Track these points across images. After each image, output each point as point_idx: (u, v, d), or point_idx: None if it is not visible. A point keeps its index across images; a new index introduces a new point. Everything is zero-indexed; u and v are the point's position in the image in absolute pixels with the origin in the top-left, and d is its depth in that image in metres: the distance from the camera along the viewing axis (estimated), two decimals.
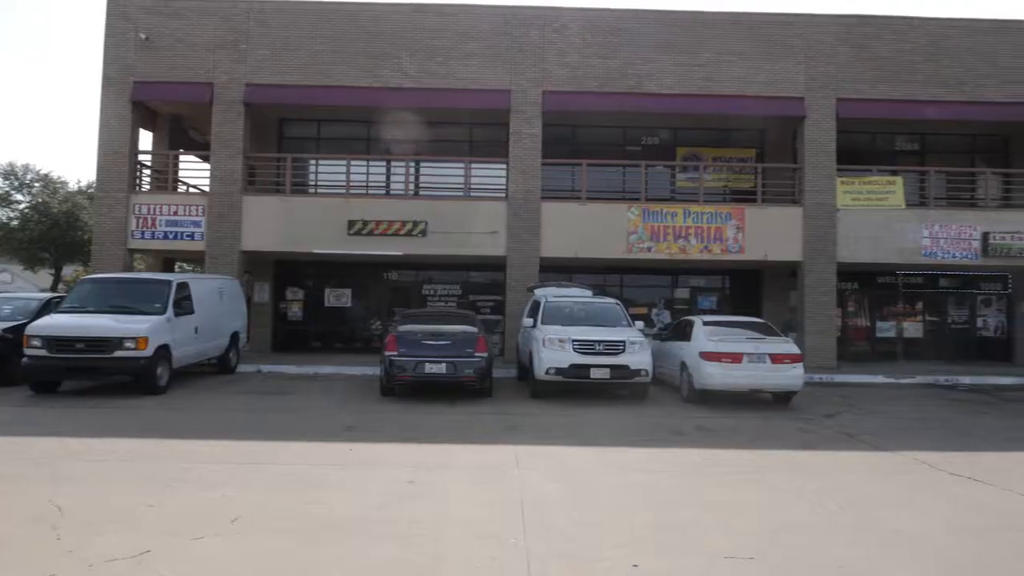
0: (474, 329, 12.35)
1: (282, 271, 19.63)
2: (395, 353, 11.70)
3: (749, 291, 20.07)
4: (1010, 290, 20.32)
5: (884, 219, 17.68)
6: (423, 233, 16.89)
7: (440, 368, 11.61)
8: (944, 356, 19.91)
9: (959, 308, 20.62)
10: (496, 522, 5.45)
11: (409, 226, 16.88)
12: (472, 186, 18.23)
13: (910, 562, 4.78)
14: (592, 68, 17.52)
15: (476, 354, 11.78)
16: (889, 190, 17.98)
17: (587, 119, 18.86)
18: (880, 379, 16.16)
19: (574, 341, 11.80)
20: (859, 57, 17.82)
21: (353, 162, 18.41)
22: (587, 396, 12.56)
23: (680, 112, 17.95)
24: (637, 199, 17.95)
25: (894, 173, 18.55)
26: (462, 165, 18.18)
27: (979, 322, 20.58)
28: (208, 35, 17.27)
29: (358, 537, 5.10)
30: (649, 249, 17.30)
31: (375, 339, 18.70)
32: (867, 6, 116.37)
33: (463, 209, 17.36)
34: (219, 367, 14.90)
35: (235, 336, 15.31)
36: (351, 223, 16.88)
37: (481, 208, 17.45)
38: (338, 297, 19.85)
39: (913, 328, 20.54)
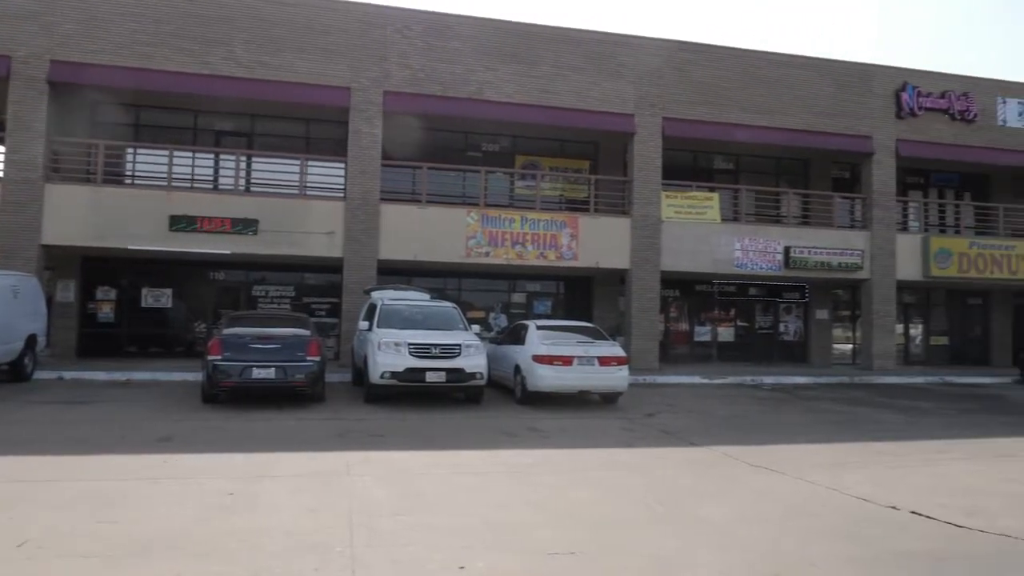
0: (307, 332, 11.91)
1: (91, 268, 17.92)
2: (219, 357, 11.02)
3: (582, 296, 20.91)
4: (807, 299, 22.62)
5: (702, 232, 19.09)
6: (254, 231, 16.10)
7: (269, 373, 11.08)
8: (752, 358, 21.81)
9: (765, 315, 22.68)
10: (322, 531, 5.26)
11: (239, 224, 16.03)
12: (308, 184, 17.64)
13: (716, 549, 5.15)
14: (435, 72, 17.54)
15: (308, 358, 11.36)
16: (707, 205, 19.46)
17: (429, 122, 18.82)
18: (697, 380, 17.40)
19: (410, 344, 11.71)
20: (682, 80, 19.15)
21: (177, 153, 17.20)
22: (423, 400, 12.52)
23: (519, 121, 18.41)
24: (477, 204, 18.18)
25: (712, 190, 20.10)
26: (298, 162, 17.53)
27: (781, 327, 22.74)
28: (5, 2, 15.48)
29: (170, 556, 4.73)
30: (487, 254, 17.56)
31: (199, 343, 17.54)
32: (704, 32, 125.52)
33: (298, 208, 16.75)
34: (11, 374, 13.31)
35: (32, 339, 13.74)
36: (174, 218, 15.77)
37: (317, 208, 16.91)
38: (157, 298, 18.43)
39: (726, 332, 22.32)
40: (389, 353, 11.67)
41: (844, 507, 6.34)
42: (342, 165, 17.39)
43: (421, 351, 11.75)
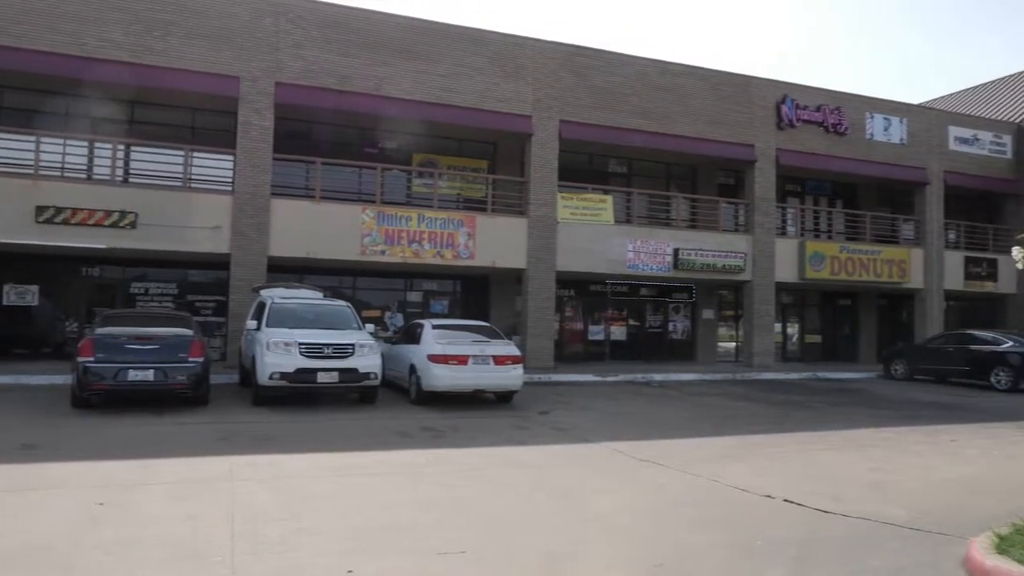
0: (189, 332, 11.35)
1: None
2: (91, 359, 10.33)
3: (479, 296, 20.95)
4: (695, 299, 23.57)
5: (597, 233, 19.53)
6: (132, 225, 15.18)
7: (147, 375, 10.48)
8: (643, 356, 22.50)
9: (655, 314, 23.45)
10: (201, 540, 5.02)
11: (115, 216, 15.06)
12: (193, 177, 16.82)
13: (604, 541, 5.27)
14: (330, 65, 17.11)
15: (190, 359, 10.83)
16: (601, 207, 19.93)
17: (324, 116, 18.35)
18: (590, 378, 17.79)
19: (301, 344, 11.37)
20: (579, 84, 19.53)
21: (45, 139, 15.95)
22: (315, 401, 12.21)
23: (418, 118, 18.21)
24: (373, 202, 17.88)
25: (606, 192, 20.60)
26: (182, 153, 16.69)
27: (670, 326, 23.58)
28: None
29: (31, 572, 4.38)
30: (383, 252, 17.30)
31: (71, 344, 16.36)
32: (607, 37, 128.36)
33: (182, 201, 15.93)
34: None
35: None
36: (41, 209, 14.64)
37: (203, 201, 16.15)
38: (21, 294, 17.05)
39: (619, 331, 22.93)
40: (278, 353, 11.29)
41: (724, 497, 6.64)
42: (231, 157, 16.68)
43: (312, 351, 11.44)
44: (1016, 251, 5.82)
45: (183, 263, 17.76)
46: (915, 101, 29.60)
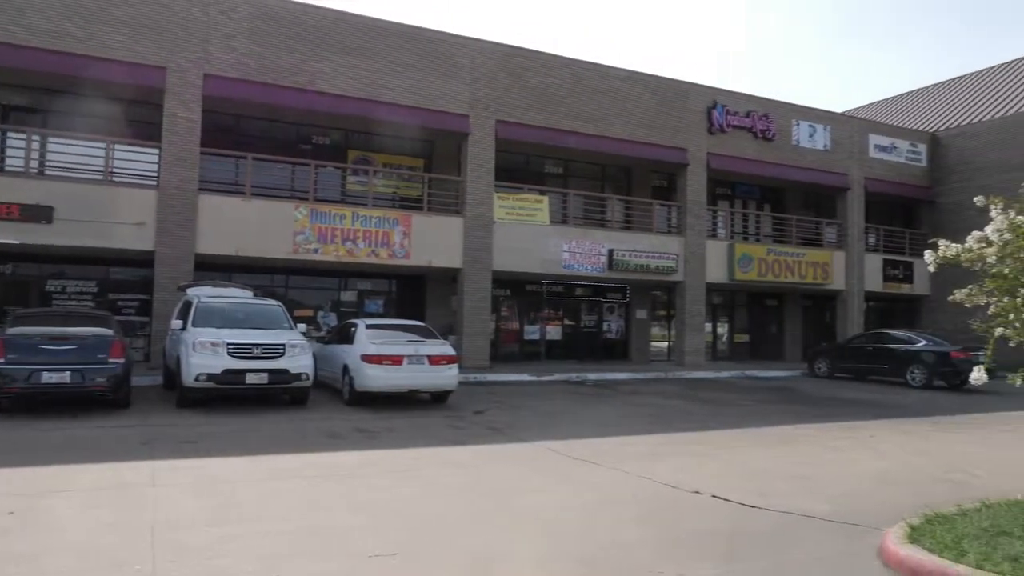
0: (109, 332, 10.89)
1: None
2: (1, 360, 9.81)
3: (414, 295, 20.78)
4: (628, 299, 23.94)
5: (533, 233, 19.64)
6: (48, 219, 14.48)
7: (63, 377, 10.01)
8: (577, 356, 22.73)
9: (590, 314, 23.73)
10: (120, 549, 4.81)
11: (29, 210, 14.34)
12: (115, 170, 16.16)
13: (536, 539, 5.29)
14: (262, 58, 16.71)
15: (110, 360, 10.39)
16: (537, 207, 20.05)
17: (255, 110, 17.90)
18: (526, 377, 17.87)
19: (229, 344, 11.05)
20: (516, 85, 19.59)
21: None
22: (244, 403, 11.91)
23: (353, 115, 17.97)
24: (305, 199, 17.55)
25: (542, 193, 20.73)
26: (104, 145, 16.01)
27: (605, 326, 23.90)
28: None
29: None
30: (316, 251, 16.98)
31: None
32: (540, 38, 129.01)
33: (103, 195, 15.29)
34: None
35: None
36: None
37: (126, 196, 15.54)
38: None
39: (554, 331, 23.11)
40: (205, 354, 10.95)
41: (655, 493, 6.75)
42: (156, 151, 16.10)
43: (241, 351, 11.13)
44: (928, 255, 6.08)
45: (104, 260, 17.05)
46: (838, 110, 30.79)
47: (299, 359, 11.57)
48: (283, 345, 11.47)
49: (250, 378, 11.12)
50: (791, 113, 24.34)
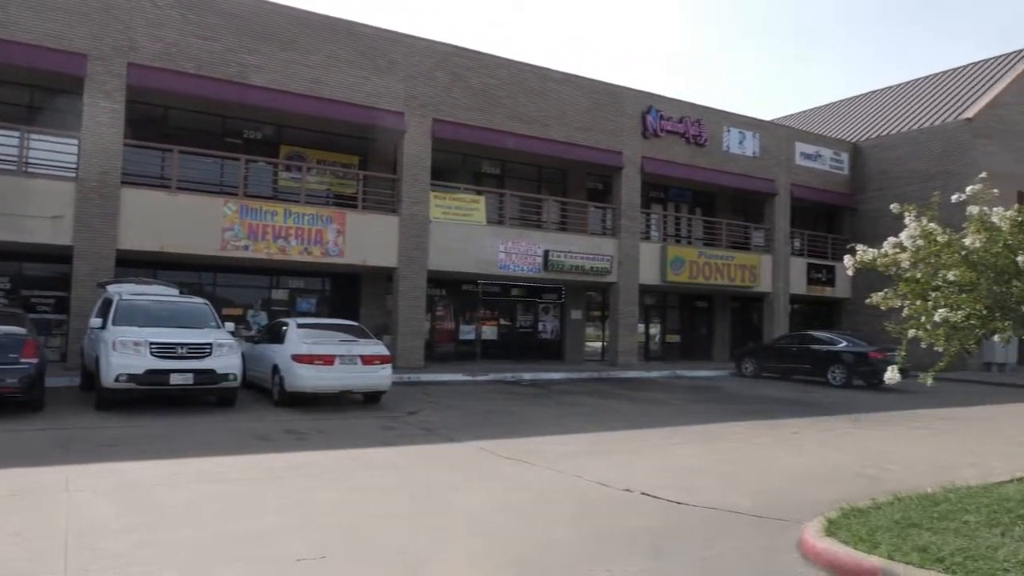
0: (21, 330, 10.35)
1: None
2: None
3: (349, 294, 20.49)
4: (564, 300, 24.16)
5: (469, 233, 19.61)
6: None
7: None
8: (513, 356, 22.81)
9: (526, 314, 23.85)
10: (29, 559, 4.58)
11: None
12: (31, 160, 15.38)
13: (467, 539, 5.28)
14: (190, 47, 16.19)
15: (22, 360, 9.88)
16: (474, 207, 20.03)
17: (183, 102, 17.33)
18: (461, 377, 17.82)
19: (152, 344, 10.65)
20: (455, 84, 19.52)
21: None
22: (168, 405, 11.52)
23: (286, 110, 17.59)
24: (235, 194, 17.09)
25: (479, 192, 20.73)
26: (18, 134, 15.22)
27: (540, 326, 24.06)
28: None
29: None
30: (247, 248, 16.55)
31: None
32: (479, 37, 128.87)
33: (16, 187, 14.54)
34: None
35: None
36: None
37: (42, 188, 14.84)
38: None
39: (490, 331, 23.14)
40: (126, 353, 10.53)
41: (586, 492, 6.83)
42: (75, 141, 15.40)
43: (165, 351, 10.75)
44: (847, 259, 6.34)
45: (18, 255, 16.22)
46: (767, 118, 31.77)
47: (227, 359, 11.24)
48: (210, 344, 11.13)
49: (174, 379, 10.75)
50: (723, 120, 24.99)
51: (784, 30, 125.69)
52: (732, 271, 24.44)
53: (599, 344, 25.07)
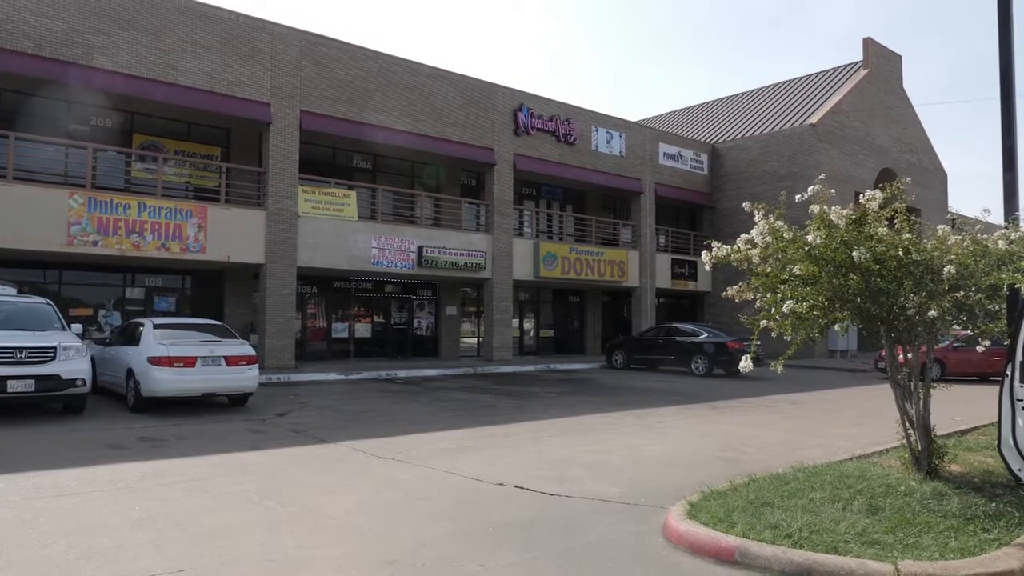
0: None
1: None
2: None
3: (212, 292, 19.49)
4: (438, 296, 24.09)
5: (340, 229, 19.13)
6: None
7: None
8: (388, 353, 22.51)
9: (400, 311, 23.59)
10: None
11: None
12: None
13: (335, 543, 5.13)
14: (25, 25, 14.82)
15: None
16: (345, 202, 19.56)
17: (19, 84, 15.84)
18: (333, 376, 17.38)
19: None
20: (322, 75, 18.97)
21: None
22: (5, 414, 10.49)
23: (138, 96, 16.47)
24: (82, 185, 15.82)
25: (350, 187, 20.26)
26: None
27: (415, 323, 23.88)
28: None
29: None
30: (96, 243, 15.38)
31: None
32: (345, 26, 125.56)
33: None
34: None
35: None
36: None
37: None
38: None
39: (364, 329, 22.72)
40: None
41: (459, 488, 6.83)
42: None
43: (2, 356, 9.79)
44: (704, 255, 6.68)
45: None
46: (633, 118, 33.01)
47: (73, 363, 10.38)
48: (54, 348, 10.24)
49: (12, 386, 9.81)
50: (591, 120, 25.73)
51: (656, 32, 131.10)
52: (602, 266, 25.24)
53: (474, 340, 25.21)
